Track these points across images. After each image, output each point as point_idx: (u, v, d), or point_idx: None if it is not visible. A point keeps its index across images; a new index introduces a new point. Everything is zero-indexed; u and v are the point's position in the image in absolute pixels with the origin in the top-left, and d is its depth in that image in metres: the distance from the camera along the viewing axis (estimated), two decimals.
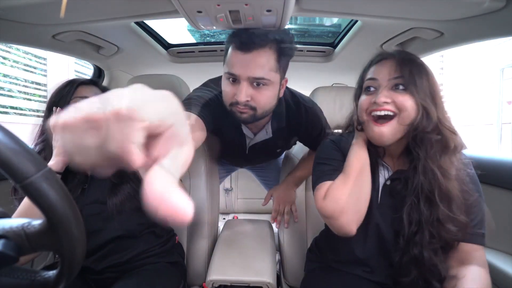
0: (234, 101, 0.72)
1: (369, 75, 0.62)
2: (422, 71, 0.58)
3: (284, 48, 0.73)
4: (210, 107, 0.75)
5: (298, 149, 1.06)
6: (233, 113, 0.76)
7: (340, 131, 0.79)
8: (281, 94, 0.82)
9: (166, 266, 0.78)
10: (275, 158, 1.24)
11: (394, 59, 0.59)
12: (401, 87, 0.57)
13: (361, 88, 0.64)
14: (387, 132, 0.57)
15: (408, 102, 0.56)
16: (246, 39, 0.69)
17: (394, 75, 0.57)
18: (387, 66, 0.59)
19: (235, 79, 0.72)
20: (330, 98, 0.99)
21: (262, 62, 0.69)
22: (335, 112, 1.01)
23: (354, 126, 0.67)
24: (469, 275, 0.53)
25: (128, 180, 0.73)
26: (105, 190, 0.72)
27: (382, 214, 0.63)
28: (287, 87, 0.87)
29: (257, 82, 0.71)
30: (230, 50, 0.73)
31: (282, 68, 0.76)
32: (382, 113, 0.57)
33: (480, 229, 0.57)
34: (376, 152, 0.65)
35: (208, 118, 0.72)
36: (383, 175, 0.64)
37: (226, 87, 0.74)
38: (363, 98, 0.62)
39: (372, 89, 0.61)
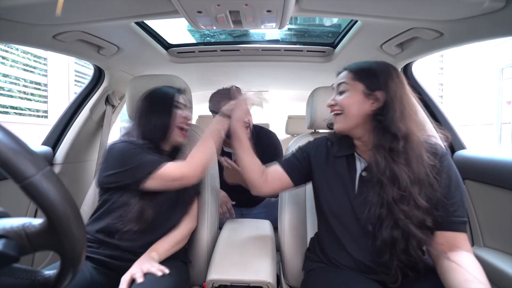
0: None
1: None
2: (367, 71, 0.70)
3: None
4: None
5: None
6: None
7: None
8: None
9: (176, 264, 0.80)
10: None
11: (345, 70, 0.74)
12: (341, 90, 0.72)
13: None
14: (338, 124, 0.73)
15: (344, 102, 0.70)
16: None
17: (338, 81, 0.74)
18: (339, 76, 0.75)
19: None
20: (330, 98, 0.99)
21: None
22: None
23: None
24: (463, 261, 0.59)
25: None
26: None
27: (360, 205, 0.69)
28: (255, 124, 1.41)
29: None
30: None
31: None
32: (333, 113, 0.74)
33: (459, 217, 0.63)
34: (349, 147, 0.76)
35: None
36: (360, 167, 0.73)
37: None
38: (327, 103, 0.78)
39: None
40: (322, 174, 0.79)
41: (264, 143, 1.41)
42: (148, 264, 0.71)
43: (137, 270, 0.68)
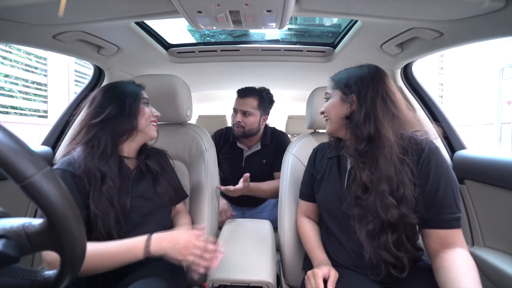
0: (234, 122, 1.39)
1: None
2: (344, 78, 0.76)
3: (262, 97, 1.41)
4: (220, 133, 1.59)
5: (298, 149, 1.06)
6: (233, 130, 1.43)
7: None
8: (262, 124, 1.45)
9: (173, 264, 0.79)
10: (263, 174, 1.45)
11: (331, 80, 0.81)
12: (327, 98, 0.81)
13: None
14: (326, 128, 0.81)
15: (327, 108, 0.79)
16: (241, 91, 1.41)
17: (325, 91, 0.83)
18: (327, 86, 0.83)
19: (236, 111, 1.40)
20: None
21: (248, 102, 1.37)
22: None
23: None
24: (455, 258, 0.60)
25: (163, 173, 0.85)
26: (148, 185, 0.80)
27: (348, 201, 0.71)
28: (271, 127, 1.56)
29: (244, 112, 1.37)
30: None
31: (261, 109, 1.40)
32: (324, 118, 0.82)
33: (452, 214, 0.63)
34: (340, 147, 0.81)
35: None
36: (349, 165, 0.76)
37: (232, 116, 1.44)
38: None
39: None
40: (319, 176, 0.83)
41: (279, 140, 1.48)
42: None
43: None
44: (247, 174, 1.18)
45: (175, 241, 0.67)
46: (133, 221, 0.73)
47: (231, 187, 1.16)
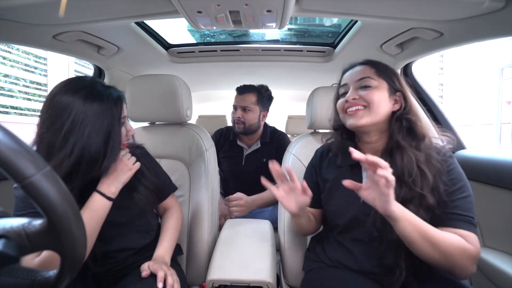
0: (235, 119, 1.42)
1: (342, 82, 0.76)
2: (387, 70, 0.70)
3: (261, 93, 1.43)
4: (220, 132, 1.61)
5: (298, 149, 1.06)
6: (234, 127, 1.45)
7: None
8: (262, 120, 1.48)
9: (172, 265, 0.78)
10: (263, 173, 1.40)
11: (360, 65, 0.73)
12: (366, 85, 0.69)
13: (338, 95, 0.78)
14: (360, 119, 0.68)
15: (374, 98, 0.67)
16: (240, 88, 1.45)
17: (360, 76, 0.70)
18: (354, 71, 0.73)
19: (235, 108, 1.43)
20: (330, 98, 0.99)
21: (247, 99, 1.40)
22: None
23: (332, 126, 0.83)
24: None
25: (140, 178, 0.77)
26: (123, 194, 0.70)
27: (367, 209, 0.67)
28: (271, 126, 1.57)
29: (244, 108, 1.40)
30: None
31: (260, 104, 1.43)
32: (353, 108, 0.69)
33: (458, 214, 0.62)
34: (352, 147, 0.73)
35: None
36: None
37: (232, 114, 1.46)
38: (339, 101, 0.75)
39: (344, 92, 0.74)
40: (328, 187, 0.78)
41: (279, 141, 1.48)
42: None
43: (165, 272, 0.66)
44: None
45: (115, 173, 0.68)
46: (109, 234, 0.67)
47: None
